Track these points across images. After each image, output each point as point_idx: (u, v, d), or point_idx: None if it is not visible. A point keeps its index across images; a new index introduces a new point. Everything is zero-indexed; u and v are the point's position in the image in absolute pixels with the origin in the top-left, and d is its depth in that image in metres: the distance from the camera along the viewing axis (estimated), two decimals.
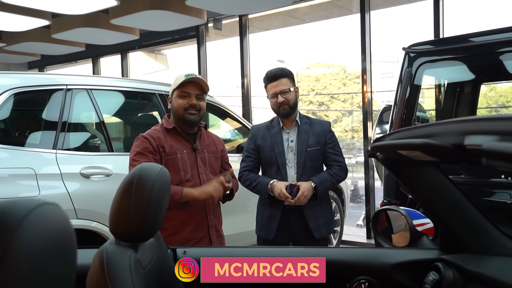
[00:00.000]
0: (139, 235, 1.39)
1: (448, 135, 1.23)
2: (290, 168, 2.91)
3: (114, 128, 4.40)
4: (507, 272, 1.53)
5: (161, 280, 1.52)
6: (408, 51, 3.60)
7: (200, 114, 2.56)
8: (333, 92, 30.15)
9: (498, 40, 3.34)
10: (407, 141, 1.46)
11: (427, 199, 1.82)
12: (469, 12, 11.14)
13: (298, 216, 2.85)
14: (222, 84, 18.70)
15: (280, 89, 2.84)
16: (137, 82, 4.09)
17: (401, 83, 3.59)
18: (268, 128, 2.98)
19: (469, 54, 3.65)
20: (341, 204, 5.35)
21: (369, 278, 1.83)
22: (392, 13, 9.54)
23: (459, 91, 4.28)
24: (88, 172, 3.32)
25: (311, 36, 26.68)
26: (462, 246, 1.77)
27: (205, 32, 8.25)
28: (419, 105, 3.79)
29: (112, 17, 6.47)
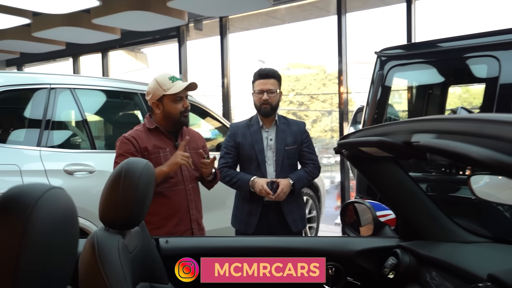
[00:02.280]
0: (126, 223, 1.49)
1: (399, 133, 1.33)
2: (269, 165, 2.96)
3: (96, 126, 4.40)
4: (454, 255, 1.63)
5: (146, 264, 1.61)
6: (380, 55, 3.74)
7: (189, 114, 2.66)
8: (312, 93, 30.19)
9: (464, 45, 3.49)
10: (366, 139, 1.57)
11: (387, 192, 1.91)
12: (441, 17, 11.43)
13: (277, 211, 2.92)
14: (202, 83, 18.71)
15: (268, 88, 2.91)
16: (119, 82, 4.12)
17: (373, 85, 3.72)
18: (247, 126, 3.03)
19: (437, 59, 3.78)
20: (317, 201, 5.41)
21: (336, 264, 1.90)
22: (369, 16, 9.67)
23: (428, 93, 4.41)
24: (72, 169, 3.36)
25: (291, 37, 26.78)
26: (418, 234, 1.86)
27: (186, 32, 8.25)
28: (390, 105, 3.92)
29: (93, 16, 6.43)
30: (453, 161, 1.09)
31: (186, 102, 2.61)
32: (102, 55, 9.56)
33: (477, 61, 3.46)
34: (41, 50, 8.84)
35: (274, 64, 31.70)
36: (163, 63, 12.36)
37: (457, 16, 23.05)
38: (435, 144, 1.06)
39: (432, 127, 1.17)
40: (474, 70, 3.64)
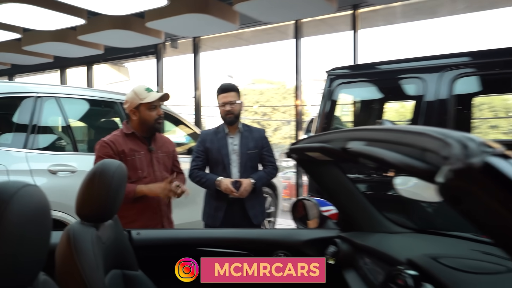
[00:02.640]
0: (100, 216, 1.48)
1: (338, 141, 1.34)
2: (233, 167, 2.97)
3: (79, 131, 4.33)
4: (382, 244, 1.68)
5: (118, 253, 1.60)
6: (329, 74, 3.78)
7: (162, 121, 2.67)
8: (274, 105, 30.50)
9: (397, 68, 3.61)
10: (311, 145, 1.58)
11: (329, 191, 1.93)
12: (380, 43, 12.21)
13: (240, 206, 2.93)
14: (177, 94, 18.67)
15: (229, 100, 2.94)
16: (100, 91, 4.07)
17: (323, 99, 3.79)
18: (215, 134, 3.03)
19: (377, 78, 3.89)
20: (275, 199, 5.51)
21: (285, 252, 1.92)
22: (322, 40, 9.99)
23: (369, 107, 4.51)
24: (55, 169, 3.30)
25: (256, 56, 27.09)
26: (355, 226, 1.90)
27: (163, 50, 8.19)
28: (337, 117, 3.99)
29: (79, 33, 6.33)
30: (377, 165, 1.11)
31: (160, 110, 2.60)
32: (87, 68, 9.36)
33: (408, 81, 3.57)
34: (31, 62, 8.61)
35: (241, 79, 31.88)
36: (143, 76, 12.30)
37: (393, 43, 23.81)
38: (363, 150, 1.09)
39: (362, 136, 1.20)
40: (406, 89, 3.74)
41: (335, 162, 1.81)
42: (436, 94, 3.31)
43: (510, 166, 0.68)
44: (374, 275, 1.57)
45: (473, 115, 4.40)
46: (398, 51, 21.64)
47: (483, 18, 47.23)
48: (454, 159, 0.69)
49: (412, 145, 0.87)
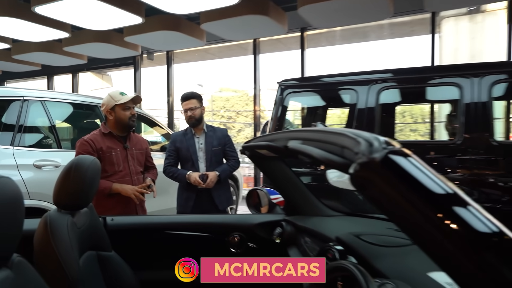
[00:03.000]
0: (75, 205, 1.44)
1: (281, 140, 1.34)
2: (201, 163, 2.96)
3: (63, 130, 4.18)
4: (319, 225, 1.71)
5: (93, 237, 1.56)
6: (280, 84, 3.84)
7: (135, 121, 2.60)
8: (238, 110, 30.54)
9: (336, 81, 3.71)
10: (260, 143, 1.59)
11: (276, 182, 1.95)
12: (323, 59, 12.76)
13: (208, 195, 2.92)
14: (153, 100, 18.39)
15: (189, 107, 2.92)
16: (82, 96, 3.95)
17: (275, 105, 3.84)
18: (184, 135, 3.01)
19: (320, 89, 3.98)
20: (236, 189, 5.51)
21: (240, 233, 1.93)
22: (277, 56, 10.16)
23: (314, 113, 4.62)
24: (40, 164, 3.18)
25: (222, 68, 27.04)
26: (297, 211, 1.93)
27: (140, 61, 7.98)
28: (287, 120, 4.05)
29: (64, 45, 6.09)
30: (309, 160, 1.12)
31: (133, 110, 2.56)
32: (72, 76, 9.00)
33: (344, 92, 3.67)
34: (20, 69, 8.21)
35: (210, 88, 31.76)
36: (124, 83, 12.05)
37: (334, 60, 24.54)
38: (298, 148, 1.11)
39: (299, 136, 1.21)
40: (342, 98, 3.84)
41: (280, 158, 1.81)
42: (366, 103, 3.42)
43: (404, 160, 0.72)
44: (311, 251, 1.59)
45: (396, 120, 4.58)
46: (337, 67, 22.56)
47: (403, 43, 50.69)
48: (361, 154, 0.73)
49: (334, 143, 0.89)
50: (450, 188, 0.70)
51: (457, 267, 0.66)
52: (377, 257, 1.22)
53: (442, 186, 0.70)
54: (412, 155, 0.74)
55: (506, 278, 0.63)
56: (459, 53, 7.49)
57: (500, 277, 0.63)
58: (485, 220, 0.67)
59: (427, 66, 3.70)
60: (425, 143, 3.52)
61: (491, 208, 2.97)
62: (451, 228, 0.65)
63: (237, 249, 1.94)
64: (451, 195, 0.70)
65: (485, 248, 0.66)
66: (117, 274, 1.59)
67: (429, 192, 0.69)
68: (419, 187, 0.69)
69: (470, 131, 3.09)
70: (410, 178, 0.69)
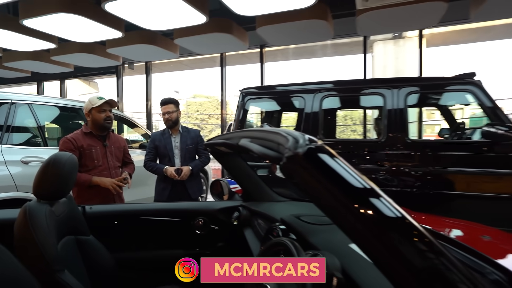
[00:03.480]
0: (53, 196, 1.37)
1: (235, 138, 1.34)
2: (176, 158, 2.93)
3: (49, 130, 3.95)
4: (269, 209, 1.71)
5: (71, 223, 1.49)
6: (242, 91, 3.84)
7: (112, 122, 2.50)
8: (210, 113, 30.24)
9: (289, 89, 3.75)
10: (218, 141, 1.57)
11: (234, 173, 1.94)
12: (279, 71, 12.91)
13: (182, 186, 2.89)
14: (134, 104, 17.85)
15: (167, 110, 2.89)
16: (67, 100, 3.76)
17: (237, 109, 3.83)
18: (162, 135, 2.98)
19: (276, 96, 4.01)
20: (206, 180, 5.46)
21: (204, 217, 1.92)
22: (241, 68, 10.12)
23: (271, 116, 4.65)
24: (27, 160, 2.99)
25: (195, 77, 26.59)
26: (252, 197, 1.93)
27: (122, 70, 7.66)
28: (248, 121, 4.05)
29: (52, 54, 5.75)
30: (254, 155, 1.10)
31: (108, 113, 2.46)
32: (60, 82, 8.50)
33: (295, 99, 3.72)
34: (11, 76, 7.67)
35: (185, 94, 31.25)
36: (109, 89, 11.58)
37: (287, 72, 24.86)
38: (245, 145, 1.11)
39: (249, 135, 1.20)
40: (293, 104, 3.88)
41: (235, 153, 1.81)
42: (311, 108, 3.48)
43: (323, 155, 0.74)
44: (262, 230, 1.60)
45: (337, 123, 4.70)
46: (290, 78, 23.13)
47: (344, 60, 52.61)
48: (288, 149, 0.74)
49: (272, 140, 0.90)
50: (361, 178, 0.73)
51: (364, 242, 0.69)
52: (312, 233, 1.23)
53: (355, 176, 0.72)
54: (330, 151, 0.75)
55: (403, 253, 0.65)
56: (387, 70, 7.80)
57: (399, 252, 0.66)
58: (390, 206, 0.70)
59: (359, 79, 3.81)
60: (360, 141, 3.65)
61: (408, 192, 3.12)
62: (360, 211, 0.67)
63: (201, 231, 1.92)
64: (362, 184, 0.72)
65: (388, 229, 0.68)
66: (95, 255, 1.53)
67: (343, 181, 0.71)
68: (335, 176, 0.70)
69: (391, 132, 3.22)
70: (327, 169, 0.71)
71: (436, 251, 0.67)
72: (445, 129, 3.88)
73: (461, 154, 3.03)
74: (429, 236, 0.68)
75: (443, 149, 3.11)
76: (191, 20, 3.92)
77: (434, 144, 3.22)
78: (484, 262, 1.00)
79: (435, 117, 12.18)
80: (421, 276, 0.64)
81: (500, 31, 5.56)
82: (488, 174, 2.91)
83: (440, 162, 3.06)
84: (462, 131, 3.53)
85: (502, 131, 2.81)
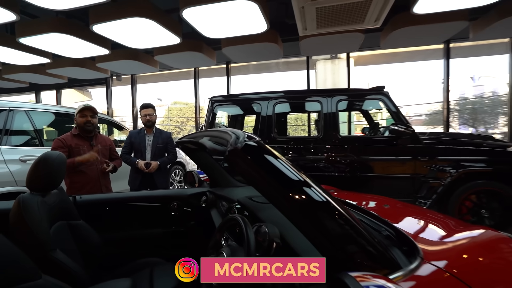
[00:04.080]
0: (44, 188, 1.30)
1: (199, 137, 1.33)
2: (148, 154, 2.84)
3: (44, 132, 3.69)
4: (231, 193, 1.72)
5: (63, 211, 1.42)
6: (211, 99, 3.78)
7: (93, 125, 2.36)
8: (188, 117, 29.55)
9: (249, 98, 3.74)
10: (186, 140, 1.57)
11: (202, 165, 1.95)
12: (242, 84, 12.96)
13: (151, 178, 2.81)
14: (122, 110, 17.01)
15: (147, 113, 2.83)
16: (60, 107, 3.53)
17: (207, 114, 3.77)
18: (138, 133, 2.90)
19: (239, 103, 4.00)
20: (183, 171, 5.35)
21: (178, 202, 1.90)
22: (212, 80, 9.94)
23: (235, 119, 4.66)
24: (25, 158, 2.77)
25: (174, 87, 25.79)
26: (217, 184, 1.94)
27: (111, 81, 7.25)
28: (216, 124, 4.02)
29: (47, 68, 5.33)
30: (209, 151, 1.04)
31: (88, 118, 2.32)
32: (56, 92, 7.88)
33: (254, 105, 3.73)
34: (11, 86, 7.00)
35: (167, 101, 30.36)
36: (101, 98, 10.92)
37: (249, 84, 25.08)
38: (203, 142, 1.12)
39: (207, 134, 1.21)
40: (253, 109, 3.90)
41: (201, 149, 1.78)
42: (267, 112, 3.54)
43: (257, 148, 0.77)
44: (224, 210, 1.61)
45: (288, 124, 4.80)
46: (251, 88, 23.56)
47: (294, 75, 54.19)
48: (230, 144, 0.77)
49: (222, 138, 0.92)
50: (286, 166, 0.77)
51: (288, 213, 0.73)
52: (259, 210, 1.26)
53: (283, 164, 0.77)
54: (263, 145, 0.79)
55: (326, 226, 0.70)
56: (327, 83, 8.07)
57: (321, 225, 0.71)
58: (315, 191, 0.74)
59: (303, 90, 3.93)
60: (306, 137, 3.75)
61: (341, 176, 3.27)
62: (287, 192, 0.72)
63: (176, 213, 1.89)
64: (286, 170, 0.76)
65: (315, 208, 0.72)
66: (85, 236, 1.47)
67: (272, 168, 0.75)
68: (266, 165, 0.74)
69: (327, 130, 3.37)
70: (259, 159, 0.74)
71: (344, 219, 0.73)
72: (366, 128, 4.11)
73: (377, 146, 3.23)
74: (337, 206, 0.74)
75: (365, 142, 3.30)
76: (168, 41, 3.82)
77: (358, 139, 3.40)
78: (380, 222, 1.10)
79: (359, 118, 12.74)
80: (333, 240, 0.70)
81: (403, 56, 6.05)
82: (394, 161, 3.14)
83: (363, 152, 3.25)
84: (378, 129, 3.77)
85: (402, 129, 3.05)
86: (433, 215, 1.33)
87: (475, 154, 2.99)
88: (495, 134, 13.45)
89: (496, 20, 3.32)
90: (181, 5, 2.94)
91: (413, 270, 0.78)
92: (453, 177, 2.94)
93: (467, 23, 3.40)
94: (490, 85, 16.62)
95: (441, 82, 4.99)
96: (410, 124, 3.12)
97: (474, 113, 15.52)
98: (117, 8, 3.10)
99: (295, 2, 2.72)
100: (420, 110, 18.17)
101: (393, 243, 0.97)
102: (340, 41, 3.93)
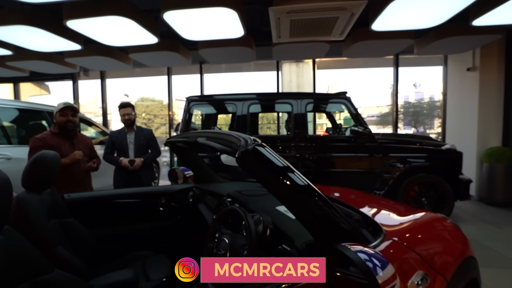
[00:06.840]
0: (40, 187, 1.27)
1: (192, 137, 1.41)
2: (130, 152, 2.78)
3: (12, 130, 3.38)
4: (217, 188, 1.80)
5: (55, 209, 1.39)
6: (187, 98, 3.76)
7: (74, 124, 2.26)
8: (155, 114, 28.32)
9: (224, 98, 3.82)
10: (177, 139, 1.62)
11: (188, 163, 1.98)
12: (216, 83, 12.78)
13: (136, 175, 2.75)
14: (90, 106, 15.75)
15: (126, 112, 2.74)
16: (29, 103, 3.24)
17: (184, 112, 3.76)
18: (119, 132, 2.81)
19: (214, 102, 4.06)
20: (158, 170, 5.23)
21: (166, 197, 1.91)
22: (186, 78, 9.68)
23: (209, 118, 4.66)
24: None
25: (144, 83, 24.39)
26: (202, 180, 1.99)
27: (78, 76, 6.72)
28: (192, 123, 4.01)
29: (7, 60, 4.75)
30: (212, 150, 1.14)
31: (70, 117, 2.22)
32: (14, 85, 7.10)
33: (229, 104, 3.81)
34: None
35: (134, 97, 28.77)
36: (61, 92, 9.98)
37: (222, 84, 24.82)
38: (205, 142, 1.19)
39: (204, 135, 1.28)
40: (228, 109, 3.97)
41: (190, 148, 1.85)
42: (241, 112, 3.64)
43: (263, 149, 0.89)
44: (212, 204, 1.67)
45: (259, 122, 4.94)
46: (222, 86, 23.09)
47: (265, 76, 54.69)
48: (241, 146, 0.87)
49: (226, 140, 1.01)
50: (286, 164, 0.90)
51: (289, 202, 0.85)
52: (250, 202, 1.36)
53: (283, 162, 0.89)
54: (266, 146, 0.91)
55: (310, 207, 0.83)
56: (292, 85, 8.35)
57: (307, 206, 0.84)
58: (303, 180, 0.88)
59: (275, 92, 4.11)
60: (276, 136, 3.92)
61: (308, 171, 3.51)
62: (286, 184, 0.84)
63: (164, 208, 1.91)
64: (287, 167, 0.89)
65: (301, 192, 0.86)
66: (77, 233, 1.45)
67: (275, 166, 0.87)
68: (271, 163, 0.86)
69: (296, 129, 3.58)
70: (266, 159, 0.86)
71: (329, 205, 0.88)
72: (329, 128, 4.42)
73: (340, 145, 3.52)
74: (322, 195, 0.89)
75: (329, 141, 3.57)
76: (145, 40, 3.70)
77: (323, 138, 3.67)
78: (350, 209, 1.29)
79: (320, 118, 13.39)
80: (321, 221, 0.84)
81: (359, 63, 6.63)
82: (354, 158, 3.46)
83: (327, 150, 3.51)
84: (340, 129, 4.09)
85: (361, 129, 3.38)
86: (388, 203, 1.57)
87: (417, 151, 3.43)
88: (431, 134, 15.18)
89: (434, 40, 3.86)
90: (162, 8, 2.89)
91: (379, 243, 0.97)
92: (401, 171, 3.34)
93: (412, 41, 3.93)
94: (428, 92, 18.55)
95: (390, 87, 5.54)
96: (367, 125, 3.46)
97: (415, 115, 17.24)
98: (94, 5, 2.94)
99: (272, 13, 2.84)
100: (373, 112, 19.64)
101: (361, 225, 1.15)
102: (309, 49, 4.19)
